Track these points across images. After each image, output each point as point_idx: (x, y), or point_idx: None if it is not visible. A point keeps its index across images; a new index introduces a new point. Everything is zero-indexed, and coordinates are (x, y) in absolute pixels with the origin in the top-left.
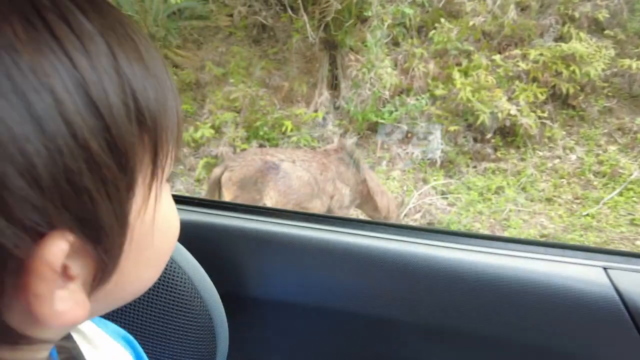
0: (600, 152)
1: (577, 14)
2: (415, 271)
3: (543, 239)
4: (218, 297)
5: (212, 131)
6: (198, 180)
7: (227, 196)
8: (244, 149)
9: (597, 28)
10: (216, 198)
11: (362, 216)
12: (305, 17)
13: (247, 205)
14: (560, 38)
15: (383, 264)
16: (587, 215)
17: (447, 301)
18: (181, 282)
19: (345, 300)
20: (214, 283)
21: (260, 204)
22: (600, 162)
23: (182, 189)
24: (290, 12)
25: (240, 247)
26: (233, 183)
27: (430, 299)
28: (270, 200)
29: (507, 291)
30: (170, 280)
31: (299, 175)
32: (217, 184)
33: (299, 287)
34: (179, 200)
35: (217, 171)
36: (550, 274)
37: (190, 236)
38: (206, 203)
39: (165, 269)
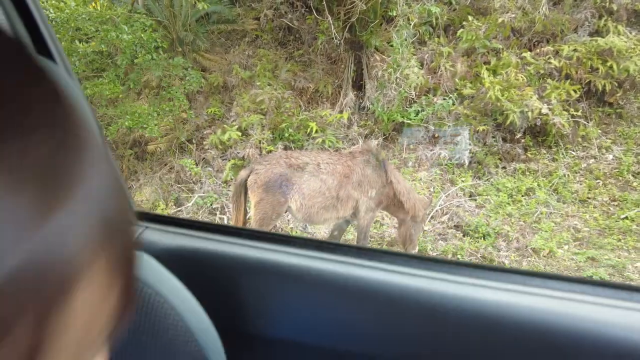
0: None
1: (614, 6)
2: (444, 314)
3: (596, 278)
4: (216, 337)
5: (239, 133)
6: (225, 182)
7: (252, 198)
8: (270, 151)
9: (637, 20)
10: (242, 200)
11: (387, 217)
12: (330, 19)
13: (249, 229)
14: (596, 32)
15: (406, 304)
16: (626, 218)
17: (483, 350)
18: (172, 322)
19: (362, 343)
20: (212, 318)
21: (285, 207)
22: None
23: (209, 191)
24: (315, 14)
25: (242, 278)
26: (258, 186)
27: (462, 346)
28: (294, 203)
29: (554, 341)
30: (157, 322)
31: (323, 178)
32: (243, 187)
33: (310, 326)
34: (168, 221)
35: (243, 174)
36: (610, 322)
37: (183, 265)
38: (201, 225)
39: (153, 308)
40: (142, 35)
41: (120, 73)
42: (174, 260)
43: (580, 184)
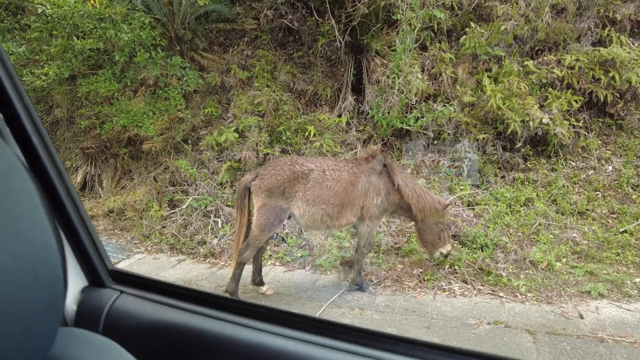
0: None
1: (618, 16)
2: None
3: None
4: None
5: (236, 135)
6: (221, 184)
7: (255, 203)
8: (266, 154)
9: None
10: (245, 204)
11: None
12: (332, 21)
13: (242, 302)
14: (598, 42)
15: None
16: (625, 231)
17: None
18: None
19: None
20: None
21: (287, 213)
22: None
23: (204, 193)
24: (316, 15)
25: None
26: (262, 190)
27: None
28: (297, 209)
29: None
30: None
31: (328, 185)
32: (247, 190)
33: None
34: (147, 286)
35: (247, 177)
36: None
37: (163, 344)
38: (185, 294)
39: None
40: (141, 33)
41: (116, 70)
42: (153, 338)
43: (580, 195)
